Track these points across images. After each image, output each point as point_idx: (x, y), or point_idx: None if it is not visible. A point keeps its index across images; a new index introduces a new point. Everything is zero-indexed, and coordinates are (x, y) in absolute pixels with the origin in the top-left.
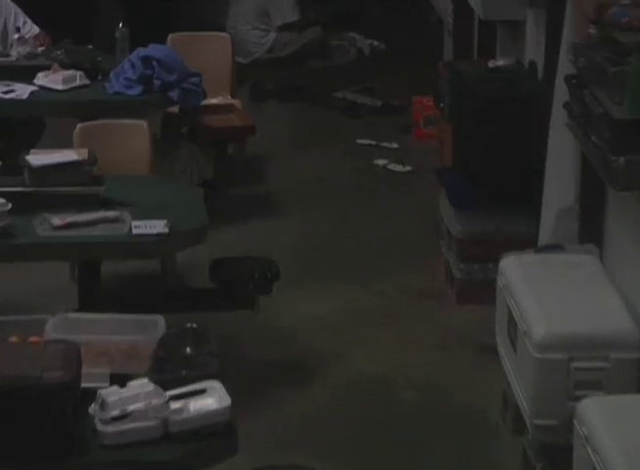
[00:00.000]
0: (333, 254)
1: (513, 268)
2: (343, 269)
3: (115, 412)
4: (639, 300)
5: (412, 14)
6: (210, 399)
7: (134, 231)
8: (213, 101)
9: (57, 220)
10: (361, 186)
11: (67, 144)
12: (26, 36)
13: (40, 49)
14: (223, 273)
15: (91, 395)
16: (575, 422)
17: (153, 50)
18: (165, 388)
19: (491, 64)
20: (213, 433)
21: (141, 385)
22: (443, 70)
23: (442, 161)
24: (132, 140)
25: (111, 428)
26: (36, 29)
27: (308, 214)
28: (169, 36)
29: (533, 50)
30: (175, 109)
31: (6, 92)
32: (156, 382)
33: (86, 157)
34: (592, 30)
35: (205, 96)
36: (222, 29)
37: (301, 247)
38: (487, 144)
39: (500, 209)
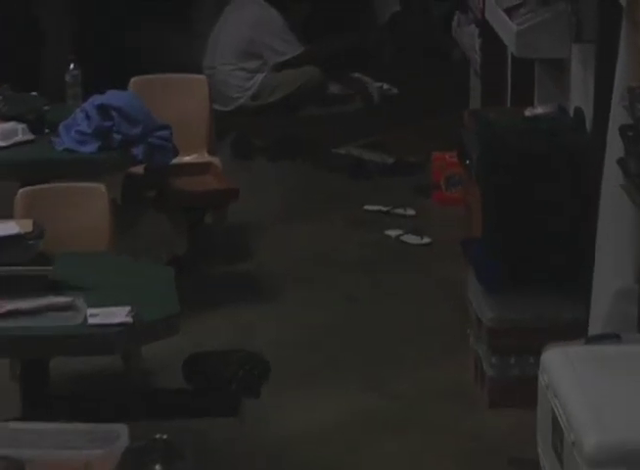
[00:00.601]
0: (335, 347)
1: (558, 363)
2: (349, 367)
3: None
4: None
5: (430, 51)
6: None
7: (90, 321)
8: (187, 159)
9: None
10: (370, 263)
11: (5, 213)
12: None
13: None
14: (200, 371)
15: None
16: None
17: (111, 97)
18: None
19: (528, 112)
20: None
21: None
22: (470, 120)
23: (469, 230)
24: (87, 208)
25: None
26: None
27: (305, 299)
28: (132, 80)
29: (580, 95)
30: (140, 169)
31: None
32: None
33: (30, 229)
34: None
35: (176, 153)
36: (197, 70)
37: (296, 339)
38: (525, 210)
39: (541, 289)
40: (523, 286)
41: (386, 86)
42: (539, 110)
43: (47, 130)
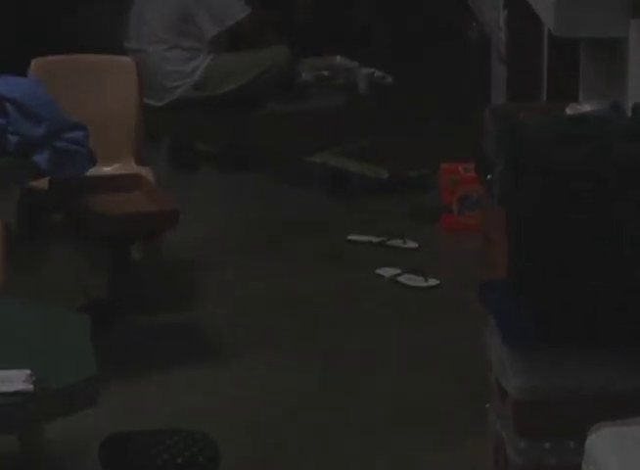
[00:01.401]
0: (308, 430)
1: (607, 447)
2: (330, 452)
3: None
4: None
5: (438, 27)
6: None
7: None
8: (107, 170)
9: None
10: (355, 314)
11: None
12: None
13: None
14: (124, 457)
15: None
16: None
17: (5, 85)
18: None
19: (571, 110)
20: None
21: None
22: (491, 121)
23: (490, 269)
24: None
25: None
26: None
27: (267, 362)
28: (33, 62)
29: None
30: (44, 182)
31: None
32: None
33: None
34: None
35: (92, 162)
36: (120, 52)
37: (255, 417)
38: (565, 243)
39: (586, 351)
40: (561, 346)
41: (377, 73)
42: (586, 107)
43: None
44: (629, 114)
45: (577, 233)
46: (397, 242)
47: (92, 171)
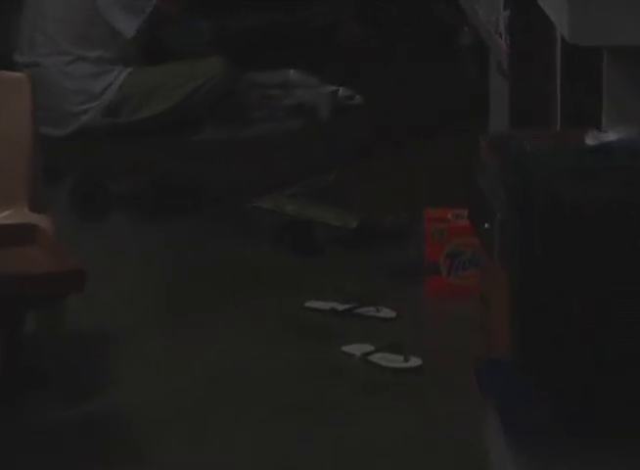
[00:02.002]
0: None
1: None
2: None
3: None
4: None
5: (422, 31)
6: None
7: None
8: None
9: None
10: (316, 404)
11: None
12: None
13: None
14: None
15: None
16: None
17: None
18: None
19: (592, 139)
20: None
21: None
22: (490, 151)
23: (487, 345)
24: None
25: None
26: None
27: (198, 465)
28: None
29: None
30: None
31: None
32: None
33: None
34: None
35: None
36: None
37: None
38: (589, 306)
39: (616, 447)
40: (582, 442)
41: (344, 92)
42: (611, 135)
43: None
44: None
45: (607, 293)
46: (369, 310)
47: None
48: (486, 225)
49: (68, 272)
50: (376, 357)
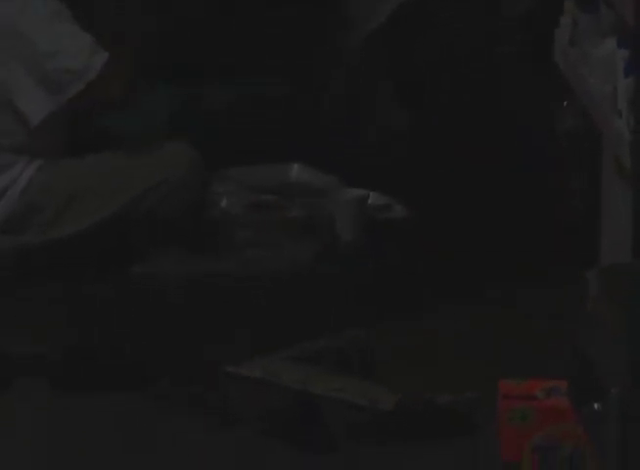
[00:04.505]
0: None
1: None
2: None
3: None
4: None
5: (501, 108)
6: None
7: None
8: None
9: None
10: None
11: None
12: None
13: None
14: None
15: None
16: None
17: None
18: None
19: None
20: None
21: None
22: (603, 297)
23: None
24: None
25: None
26: None
27: None
28: None
29: None
30: None
31: None
32: None
33: None
34: None
35: None
36: None
37: None
38: None
39: None
40: None
41: (376, 200)
42: None
43: None
44: None
45: None
46: None
47: None
48: (596, 406)
49: None
50: None
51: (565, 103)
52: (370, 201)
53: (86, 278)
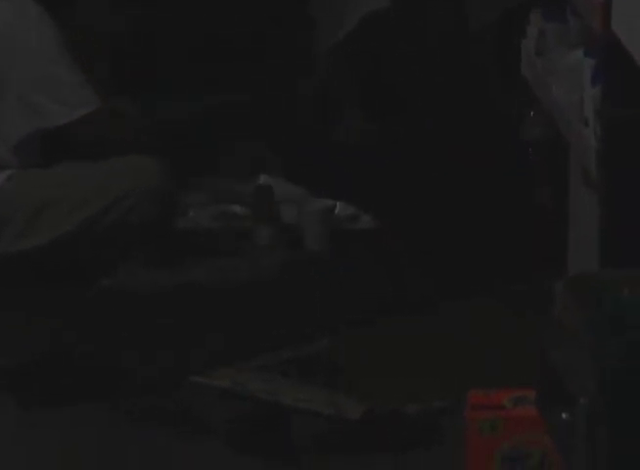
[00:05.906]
0: None
1: None
2: None
3: None
4: None
5: (469, 116)
6: None
7: None
8: None
9: None
10: None
11: None
12: None
13: None
14: None
15: None
16: None
17: None
18: None
19: None
20: None
21: None
22: (571, 306)
23: None
24: None
25: None
26: None
27: None
28: None
29: None
30: None
31: None
32: None
33: None
34: None
35: None
36: None
37: None
38: None
39: None
40: None
41: (343, 210)
42: None
43: None
44: None
45: None
46: None
47: None
48: (564, 416)
49: None
50: None
51: (531, 113)
52: (337, 211)
53: (53, 291)
